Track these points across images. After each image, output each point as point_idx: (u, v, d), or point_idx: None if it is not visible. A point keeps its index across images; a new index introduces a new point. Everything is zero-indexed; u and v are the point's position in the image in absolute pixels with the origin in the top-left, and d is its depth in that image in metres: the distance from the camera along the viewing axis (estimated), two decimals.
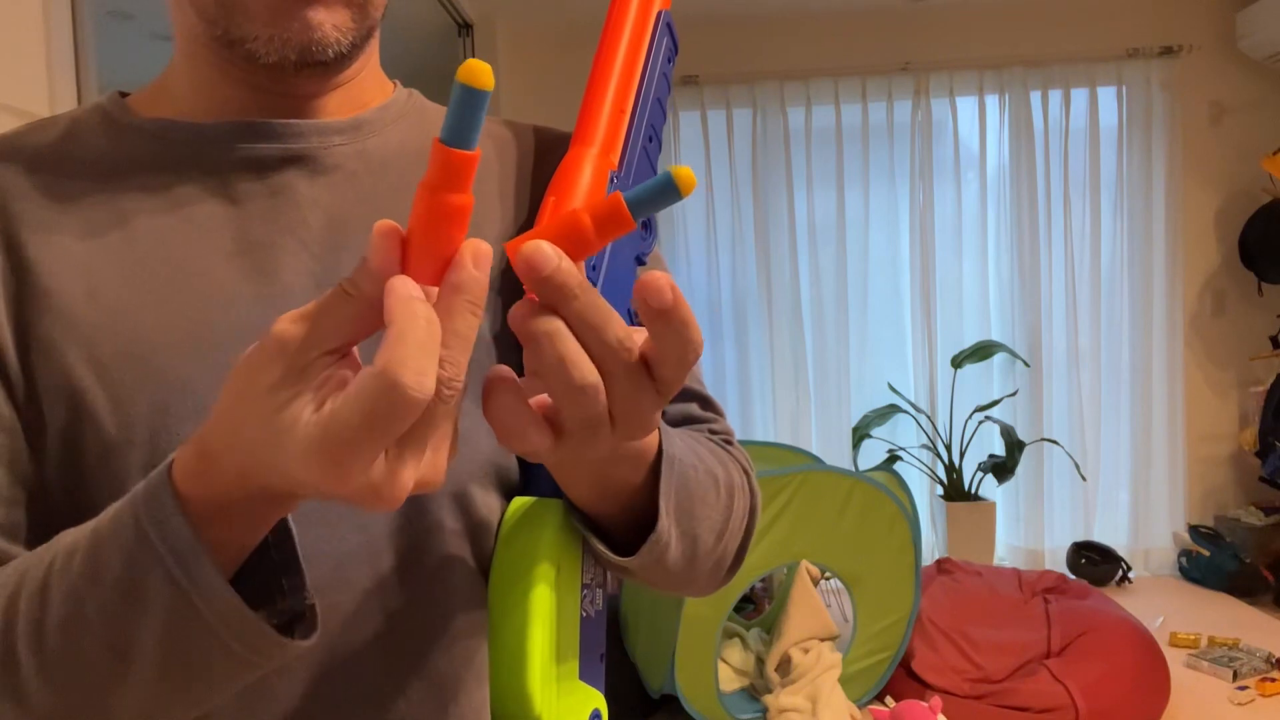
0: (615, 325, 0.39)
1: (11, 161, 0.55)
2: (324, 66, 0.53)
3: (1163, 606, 3.43)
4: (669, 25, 0.61)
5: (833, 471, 2.36)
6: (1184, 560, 3.79)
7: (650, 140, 0.59)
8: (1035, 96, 3.89)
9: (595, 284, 0.51)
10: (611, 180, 0.54)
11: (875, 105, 3.94)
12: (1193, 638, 3.04)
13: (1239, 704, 2.62)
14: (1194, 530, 3.80)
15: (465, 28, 3.74)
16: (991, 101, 3.94)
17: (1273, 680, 2.71)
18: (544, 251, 0.37)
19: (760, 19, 3.96)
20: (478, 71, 0.35)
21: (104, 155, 0.55)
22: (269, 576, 0.46)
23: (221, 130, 0.55)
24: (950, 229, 3.96)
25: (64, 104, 2.44)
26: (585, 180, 0.53)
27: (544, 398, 0.42)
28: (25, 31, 2.35)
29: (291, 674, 0.52)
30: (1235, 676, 2.76)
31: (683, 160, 3.96)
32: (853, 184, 3.95)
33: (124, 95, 0.60)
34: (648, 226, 0.58)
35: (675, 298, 0.38)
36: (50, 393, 0.50)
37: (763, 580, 2.95)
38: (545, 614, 0.51)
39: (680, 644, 2.24)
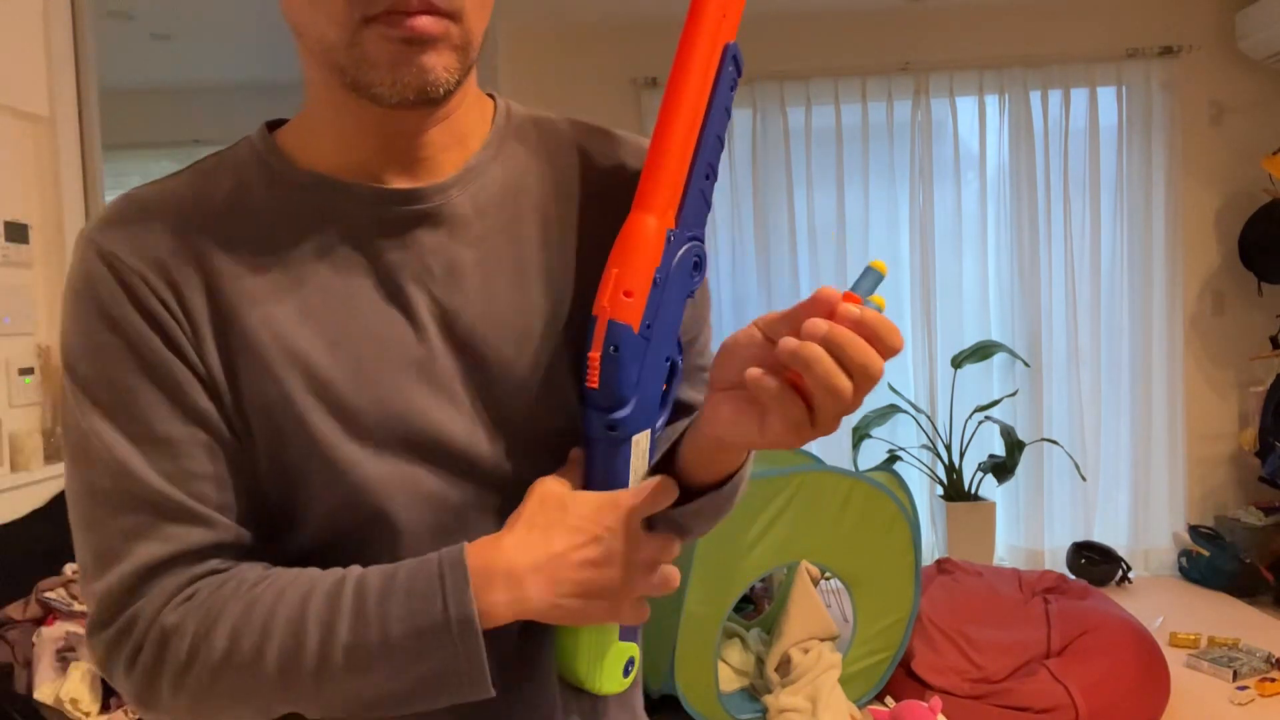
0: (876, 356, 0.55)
1: (195, 210, 0.65)
2: (435, 103, 0.63)
3: (1163, 606, 3.43)
4: (735, 57, 0.65)
5: (833, 471, 2.36)
6: (1184, 560, 3.79)
7: (707, 177, 0.65)
8: (1035, 96, 3.89)
9: (659, 305, 0.63)
10: (669, 240, 0.63)
11: (875, 105, 3.94)
12: (1193, 638, 3.04)
13: (1239, 704, 2.62)
14: (1194, 530, 3.80)
15: None
16: (991, 101, 3.94)
17: (1273, 680, 2.71)
18: (832, 294, 0.56)
19: (760, 19, 3.96)
20: (882, 267, 0.58)
21: (269, 208, 0.66)
22: None
23: (363, 193, 0.67)
24: (950, 229, 3.96)
25: (64, 104, 2.44)
26: (647, 248, 0.63)
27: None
28: (25, 31, 2.35)
29: None
30: (1235, 676, 2.76)
31: None
32: (853, 184, 3.95)
33: (270, 127, 0.71)
34: (698, 267, 0.66)
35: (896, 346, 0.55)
36: (257, 417, 0.63)
37: (763, 580, 2.95)
38: None
39: (680, 644, 2.24)
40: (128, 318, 0.62)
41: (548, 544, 0.61)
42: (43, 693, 1.87)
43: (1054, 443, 3.87)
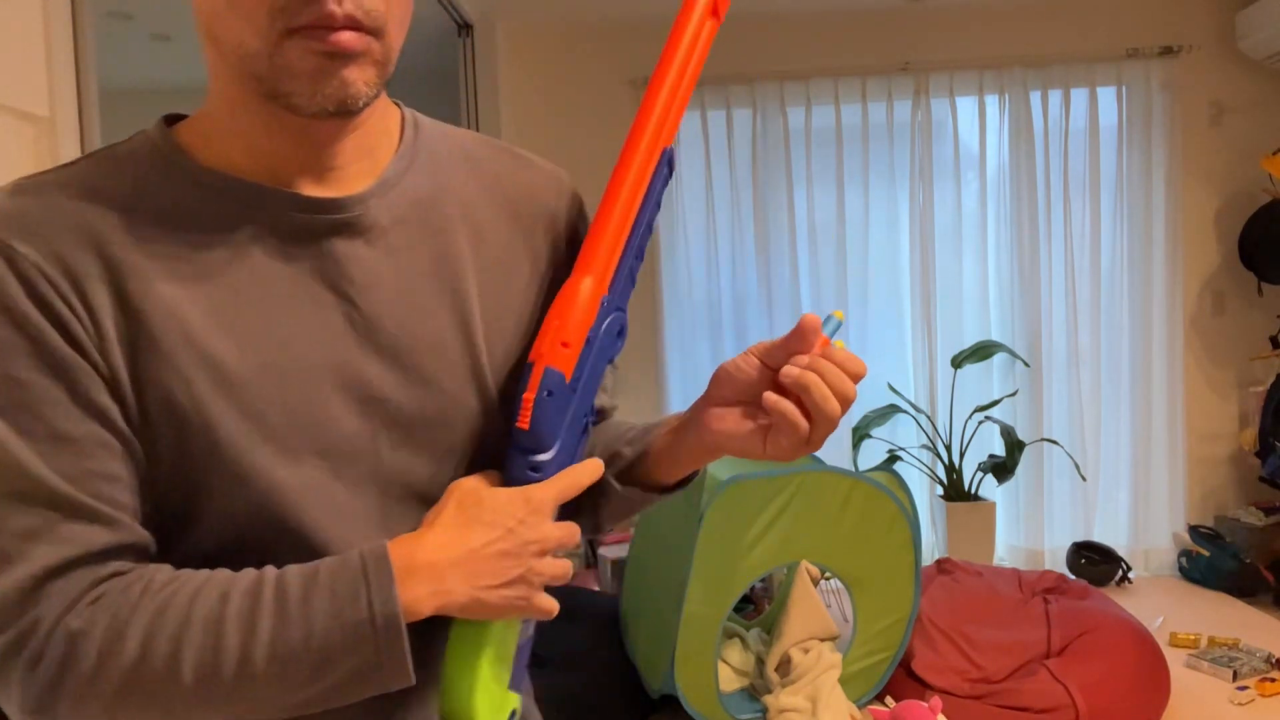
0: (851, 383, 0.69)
1: (95, 203, 0.63)
2: (352, 114, 0.64)
3: (1163, 606, 3.43)
4: (670, 160, 0.73)
5: (833, 471, 2.36)
6: (1184, 560, 3.79)
7: (637, 258, 0.72)
8: (1035, 96, 3.89)
9: (586, 363, 0.69)
10: (602, 305, 0.70)
11: (875, 105, 3.94)
12: (1193, 638, 3.04)
13: (1239, 704, 2.62)
14: (1194, 530, 3.80)
15: (465, 28, 3.74)
16: (991, 101, 3.94)
17: (1273, 680, 2.71)
18: (816, 321, 0.70)
19: (760, 19, 3.96)
20: (840, 315, 0.73)
21: (174, 204, 0.65)
22: None
23: (280, 198, 0.66)
24: (950, 229, 3.95)
25: (64, 104, 2.44)
26: (583, 308, 0.69)
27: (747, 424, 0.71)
28: (25, 32, 2.35)
29: None
30: (1235, 676, 2.76)
31: (682, 160, 3.96)
32: (853, 184, 3.95)
33: (168, 122, 0.69)
34: (621, 334, 0.72)
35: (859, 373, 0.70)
36: (160, 417, 0.62)
37: (763, 580, 2.95)
38: (496, 640, 0.67)
39: (680, 644, 2.24)
40: (26, 313, 0.59)
41: (465, 539, 0.63)
42: None
43: (1054, 443, 3.87)
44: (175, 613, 0.58)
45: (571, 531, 0.67)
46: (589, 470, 0.69)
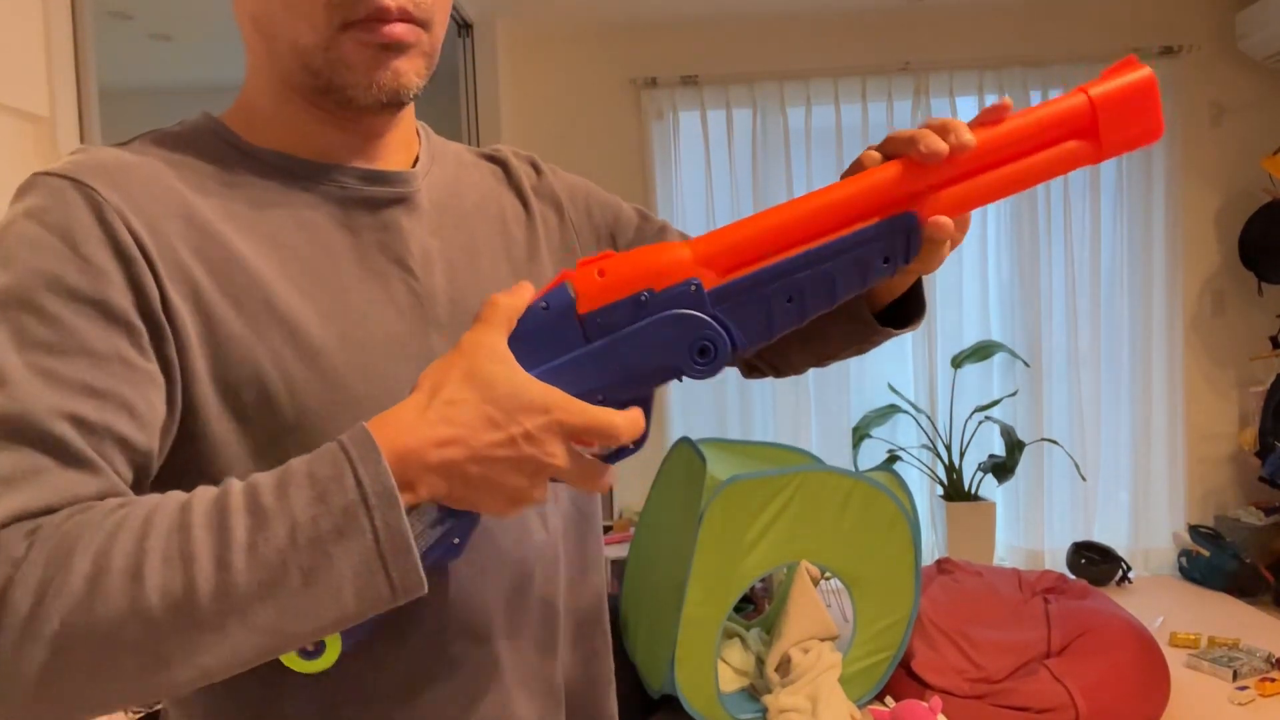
0: None
1: (169, 168, 0.63)
2: (402, 105, 0.66)
3: (1163, 606, 3.43)
4: (910, 227, 0.59)
5: (833, 471, 2.36)
6: (1184, 560, 3.79)
7: (789, 300, 0.58)
8: (1035, 96, 3.89)
9: (618, 320, 0.57)
10: (687, 286, 0.57)
11: (875, 105, 3.94)
12: (1193, 638, 3.04)
13: (1239, 704, 2.62)
14: (1194, 530, 3.80)
15: (465, 28, 3.74)
16: (991, 101, 3.93)
17: (1273, 680, 2.71)
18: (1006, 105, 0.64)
19: (760, 19, 3.96)
20: None
21: (237, 177, 0.65)
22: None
23: (344, 170, 0.68)
24: None
25: (64, 104, 2.44)
26: (656, 261, 0.58)
27: None
28: (25, 31, 2.35)
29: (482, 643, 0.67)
30: (1235, 676, 2.76)
31: (683, 160, 3.97)
32: None
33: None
34: (702, 353, 0.58)
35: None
36: (241, 381, 0.60)
37: (763, 580, 2.95)
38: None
39: (680, 644, 2.24)
40: (89, 256, 0.56)
41: (452, 422, 0.53)
42: None
43: (1054, 443, 3.87)
44: (131, 528, 0.49)
45: (604, 469, 0.58)
46: (618, 423, 0.56)
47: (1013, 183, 0.61)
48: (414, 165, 0.73)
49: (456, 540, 0.56)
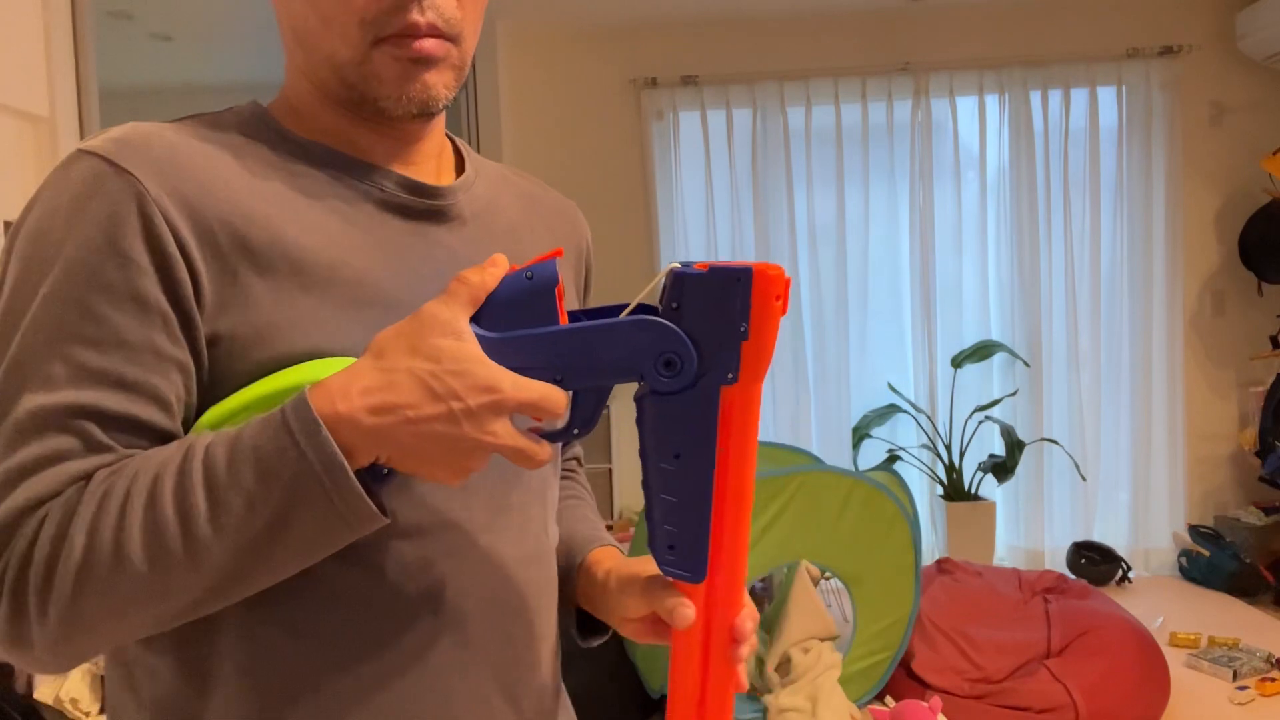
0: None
1: (214, 149, 0.65)
2: (432, 115, 0.70)
3: (1163, 606, 3.43)
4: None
5: (833, 471, 2.36)
6: (1184, 560, 3.79)
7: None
8: (1035, 96, 3.89)
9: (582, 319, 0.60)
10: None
11: (875, 105, 3.94)
12: (1193, 638, 3.04)
13: (1239, 704, 2.62)
14: (1194, 530, 3.80)
15: None
16: (991, 101, 3.94)
17: (1273, 680, 2.71)
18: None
19: (760, 19, 3.96)
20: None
21: (282, 163, 0.68)
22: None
23: (387, 174, 0.70)
24: (950, 229, 3.95)
25: (64, 104, 2.44)
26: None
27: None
28: (25, 31, 2.35)
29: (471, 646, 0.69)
30: (1235, 676, 2.76)
31: (683, 161, 3.97)
32: (853, 184, 3.95)
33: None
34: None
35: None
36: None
37: (763, 580, 2.95)
38: None
39: None
40: (127, 251, 0.59)
41: (389, 388, 0.56)
42: (42, 693, 1.87)
43: (1054, 443, 3.87)
44: (115, 501, 0.56)
45: (539, 448, 0.60)
46: (558, 398, 0.59)
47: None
48: (454, 173, 0.77)
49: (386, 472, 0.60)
